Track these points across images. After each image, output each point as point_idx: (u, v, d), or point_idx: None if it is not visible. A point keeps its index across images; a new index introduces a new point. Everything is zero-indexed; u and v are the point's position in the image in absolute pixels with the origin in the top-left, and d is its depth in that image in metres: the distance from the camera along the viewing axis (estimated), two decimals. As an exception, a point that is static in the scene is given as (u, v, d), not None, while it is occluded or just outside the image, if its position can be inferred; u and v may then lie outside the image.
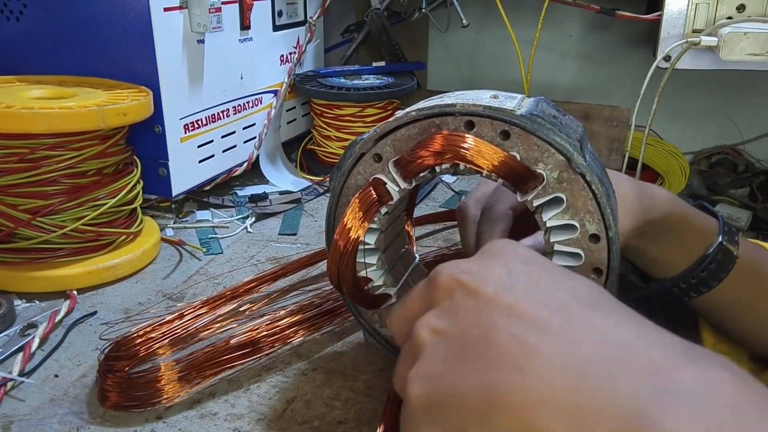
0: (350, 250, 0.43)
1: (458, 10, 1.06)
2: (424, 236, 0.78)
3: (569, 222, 0.41)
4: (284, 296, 0.63)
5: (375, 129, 0.44)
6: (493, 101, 0.41)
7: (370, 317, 0.50)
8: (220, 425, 0.47)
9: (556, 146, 0.39)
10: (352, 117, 0.98)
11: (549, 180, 0.40)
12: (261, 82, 0.95)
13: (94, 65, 0.76)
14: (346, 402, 0.49)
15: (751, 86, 1.19)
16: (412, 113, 0.42)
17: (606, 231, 0.40)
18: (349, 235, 0.43)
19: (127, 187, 0.68)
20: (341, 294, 0.48)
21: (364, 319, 0.51)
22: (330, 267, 0.45)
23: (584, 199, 0.40)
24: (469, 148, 0.39)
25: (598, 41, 1.23)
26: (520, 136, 0.40)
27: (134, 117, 0.65)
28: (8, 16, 0.78)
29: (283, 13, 0.99)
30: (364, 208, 0.43)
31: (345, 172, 0.46)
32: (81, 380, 0.51)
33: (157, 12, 0.72)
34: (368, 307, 0.49)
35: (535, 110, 0.41)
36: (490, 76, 1.30)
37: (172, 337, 0.54)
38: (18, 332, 0.57)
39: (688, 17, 0.85)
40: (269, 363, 0.54)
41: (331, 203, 0.48)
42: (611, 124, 1.03)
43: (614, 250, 0.40)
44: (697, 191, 1.25)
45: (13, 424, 0.46)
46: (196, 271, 0.70)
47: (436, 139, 0.40)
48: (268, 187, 0.94)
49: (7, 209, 0.62)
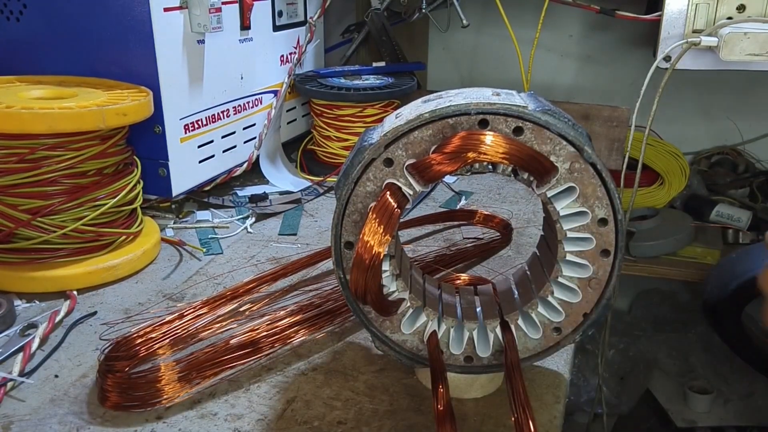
0: (377, 263, 0.42)
1: (458, 10, 1.06)
2: (424, 236, 0.78)
3: (580, 209, 0.43)
4: (284, 296, 0.63)
5: (383, 132, 0.43)
6: (496, 98, 0.42)
7: (380, 324, 0.49)
8: (220, 425, 0.47)
9: (569, 139, 0.41)
10: (352, 117, 0.98)
11: (561, 171, 0.42)
12: (261, 83, 0.95)
13: (94, 65, 0.76)
14: (346, 402, 0.49)
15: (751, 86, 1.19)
16: (425, 115, 0.42)
17: (614, 214, 0.43)
18: (374, 249, 0.42)
19: (127, 188, 0.68)
20: (354, 303, 0.48)
21: (374, 326, 0.49)
22: (356, 280, 0.43)
23: (593, 186, 0.42)
24: (492, 145, 0.40)
25: (598, 41, 1.23)
26: (533, 131, 0.41)
27: (134, 117, 0.65)
28: (8, 16, 0.78)
29: (283, 13, 0.99)
30: (386, 217, 0.42)
31: (354, 179, 0.44)
32: (81, 380, 0.51)
33: (157, 12, 0.72)
34: (385, 314, 0.48)
35: (544, 105, 0.42)
36: (490, 76, 1.31)
37: (172, 337, 0.54)
38: (18, 332, 0.57)
39: (688, 17, 0.85)
40: (269, 363, 0.54)
41: (338, 212, 0.46)
42: (611, 124, 1.03)
43: (621, 231, 0.43)
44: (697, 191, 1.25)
45: (13, 424, 0.46)
46: (196, 272, 0.70)
47: (454, 141, 0.40)
48: (268, 187, 0.94)
49: (7, 209, 0.62)
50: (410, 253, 0.71)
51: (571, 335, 0.48)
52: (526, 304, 0.48)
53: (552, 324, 0.47)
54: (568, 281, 0.46)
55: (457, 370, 0.49)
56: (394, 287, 0.47)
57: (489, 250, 0.73)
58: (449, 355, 0.49)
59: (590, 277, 0.45)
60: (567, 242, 0.44)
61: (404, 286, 0.48)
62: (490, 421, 0.47)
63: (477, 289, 0.54)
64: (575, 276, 0.45)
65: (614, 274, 0.45)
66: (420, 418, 0.48)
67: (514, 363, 0.44)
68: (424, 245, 0.75)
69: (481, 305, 0.51)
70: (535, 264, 0.51)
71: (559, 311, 0.47)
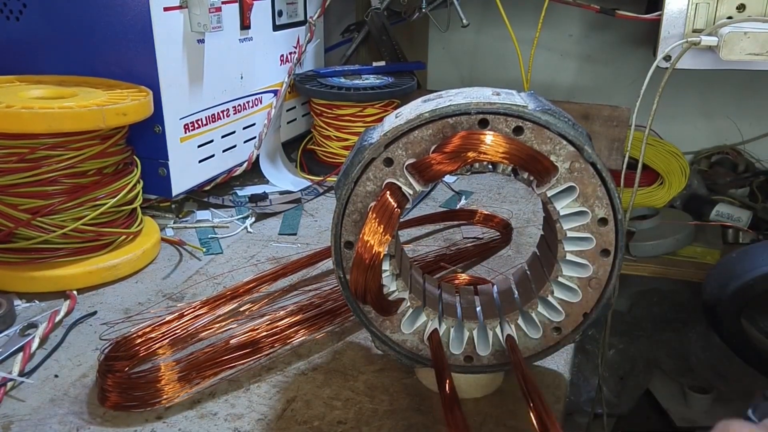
0: (377, 262, 0.42)
1: (458, 9, 1.06)
2: (424, 236, 0.78)
3: (581, 209, 0.43)
4: (284, 296, 0.63)
5: (383, 132, 0.43)
6: (496, 98, 0.42)
7: (380, 324, 0.49)
8: (220, 425, 0.47)
9: (569, 138, 0.41)
10: (352, 117, 0.98)
11: (561, 171, 0.42)
12: (261, 82, 0.95)
13: (94, 65, 0.76)
14: (346, 402, 0.49)
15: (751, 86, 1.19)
16: (425, 114, 0.42)
17: (614, 214, 0.43)
18: (374, 248, 0.42)
19: (127, 187, 0.68)
20: (354, 302, 0.48)
21: (374, 326, 0.49)
22: (356, 279, 0.43)
23: (593, 186, 0.42)
24: (492, 145, 0.40)
25: (598, 41, 1.23)
26: (533, 131, 0.41)
27: (134, 117, 0.65)
28: (8, 16, 0.78)
29: (283, 13, 0.99)
30: (386, 217, 0.42)
31: (354, 178, 0.44)
32: (81, 380, 0.51)
33: (157, 12, 0.72)
34: (385, 314, 0.48)
35: (544, 105, 0.42)
36: (490, 76, 1.31)
37: (172, 337, 0.54)
38: (18, 332, 0.57)
39: (688, 17, 0.85)
40: (269, 363, 0.54)
41: (338, 212, 0.46)
42: (611, 124, 1.03)
43: (621, 231, 0.43)
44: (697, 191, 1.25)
45: (13, 424, 0.46)
46: (196, 271, 0.70)
47: (454, 141, 0.40)
48: (268, 187, 0.94)
49: (7, 209, 0.62)
50: (410, 253, 0.71)
51: (571, 335, 0.48)
52: (526, 303, 0.48)
53: (552, 324, 0.47)
54: (568, 281, 0.46)
55: (457, 369, 0.49)
56: (394, 287, 0.47)
57: (489, 250, 0.73)
58: (449, 355, 0.49)
59: (590, 277, 0.45)
60: (567, 242, 0.44)
61: (404, 285, 0.48)
62: (491, 421, 0.47)
63: (477, 289, 0.54)
64: (575, 276, 0.45)
65: (614, 274, 0.45)
66: (420, 417, 0.48)
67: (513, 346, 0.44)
68: (424, 245, 0.75)
69: (481, 305, 0.51)
70: (535, 264, 0.51)
71: (559, 311, 0.47)
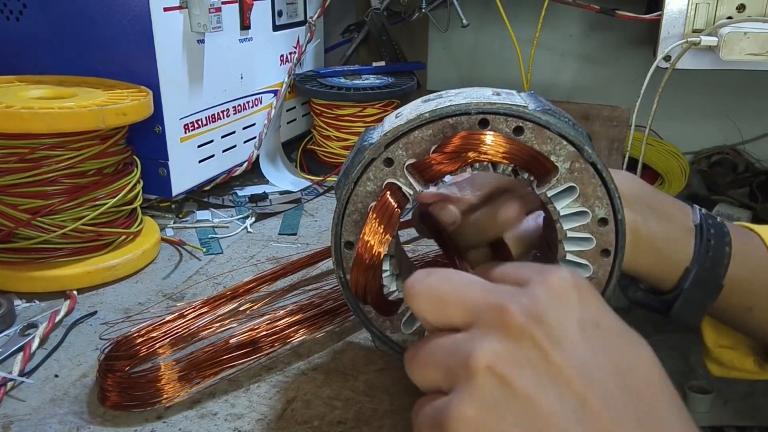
0: (377, 262, 0.42)
1: (458, 10, 1.06)
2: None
3: (581, 209, 0.43)
4: (284, 296, 0.63)
5: (383, 132, 0.43)
6: (496, 98, 0.42)
7: (380, 324, 0.49)
8: (220, 425, 0.47)
9: (569, 138, 0.41)
10: (352, 117, 0.98)
11: (561, 171, 0.42)
12: (261, 82, 0.95)
13: (94, 65, 0.76)
14: (346, 402, 0.49)
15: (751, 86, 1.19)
16: (425, 114, 0.42)
17: (614, 214, 0.43)
18: (374, 248, 0.42)
19: (127, 187, 0.68)
20: (354, 303, 0.48)
21: (374, 326, 0.49)
22: (356, 280, 0.43)
23: (594, 186, 0.42)
24: (492, 145, 0.40)
25: (598, 41, 1.23)
26: (533, 131, 0.41)
27: (134, 117, 0.65)
28: (8, 16, 0.78)
29: (283, 13, 0.99)
30: (387, 217, 0.42)
31: (354, 179, 0.44)
32: (81, 380, 0.51)
33: (157, 12, 0.72)
34: (386, 314, 0.48)
35: (544, 105, 0.42)
36: (490, 76, 1.30)
37: (172, 336, 0.54)
38: (18, 332, 0.57)
39: (688, 17, 0.85)
40: (269, 363, 0.54)
41: (337, 212, 0.46)
42: (611, 124, 1.03)
43: (622, 231, 0.43)
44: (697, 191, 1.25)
45: (13, 424, 0.46)
46: (196, 271, 0.70)
47: (454, 141, 0.40)
48: (268, 187, 0.94)
49: (7, 209, 0.62)
50: (410, 253, 0.71)
51: (571, 335, 0.48)
52: None
53: None
54: None
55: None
56: (394, 287, 0.47)
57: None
58: None
59: (590, 277, 0.45)
60: (567, 242, 0.44)
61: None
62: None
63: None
64: None
65: (614, 274, 0.45)
66: (420, 417, 0.48)
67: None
68: (424, 245, 0.75)
69: None
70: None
71: None
